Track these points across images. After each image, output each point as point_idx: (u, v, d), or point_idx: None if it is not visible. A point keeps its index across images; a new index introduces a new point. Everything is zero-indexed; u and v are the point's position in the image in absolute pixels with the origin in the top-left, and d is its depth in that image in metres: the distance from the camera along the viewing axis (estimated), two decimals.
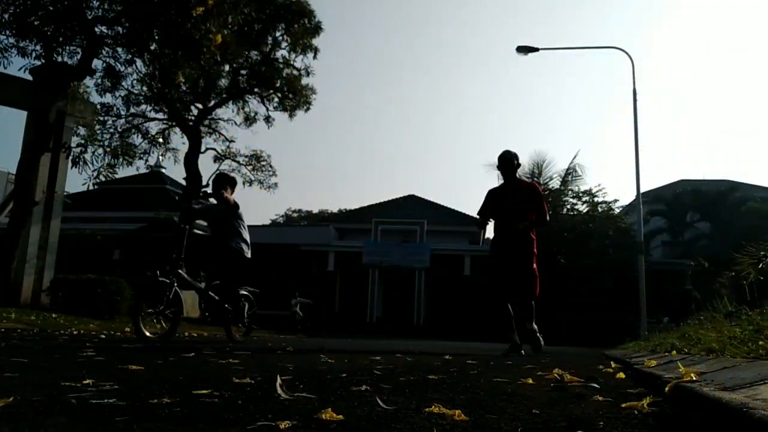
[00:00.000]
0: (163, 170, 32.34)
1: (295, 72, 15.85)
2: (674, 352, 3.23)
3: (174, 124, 15.63)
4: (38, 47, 10.52)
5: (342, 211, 46.09)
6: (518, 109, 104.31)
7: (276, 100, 16.08)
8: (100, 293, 10.79)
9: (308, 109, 16.19)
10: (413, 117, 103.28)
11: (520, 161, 5.79)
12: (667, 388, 1.38)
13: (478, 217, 5.83)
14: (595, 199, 25.35)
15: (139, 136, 15.07)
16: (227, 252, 5.72)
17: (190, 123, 15.40)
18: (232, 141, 16.67)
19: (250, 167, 16.71)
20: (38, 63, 10.67)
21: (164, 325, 5.33)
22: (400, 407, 1.33)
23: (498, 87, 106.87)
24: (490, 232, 6.11)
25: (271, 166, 16.91)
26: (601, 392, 1.77)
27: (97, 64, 11.79)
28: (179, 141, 33.61)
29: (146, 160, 15.42)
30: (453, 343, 11.64)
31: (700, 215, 31.05)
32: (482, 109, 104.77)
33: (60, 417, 1.05)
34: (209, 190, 6.06)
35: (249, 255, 5.90)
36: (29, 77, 10.90)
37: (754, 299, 3.91)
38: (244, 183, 16.81)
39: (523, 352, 5.42)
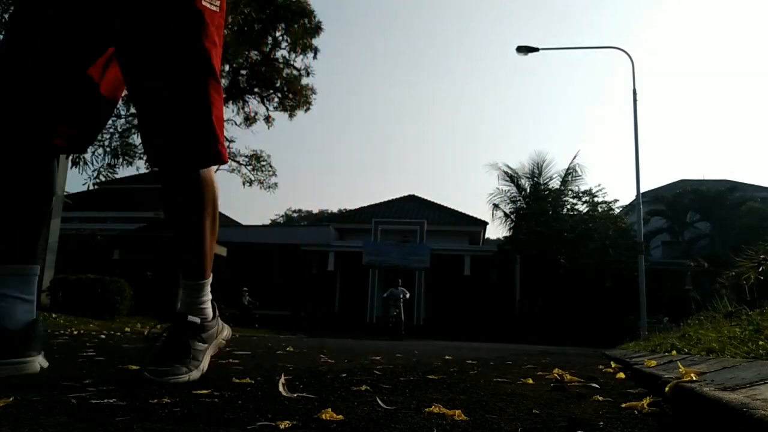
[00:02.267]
0: None
1: (295, 72, 15.88)
2: (674, 352, 3.23)
3: None
4: None
5: (342, 211, 46.11)
6: (518, 109, 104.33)
7: (276, 100, 16.11)
8: (100, 293, 10.80)
9: (308, 109, 16.22)
10: (413, 117, 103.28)
11: None
12: (667, 388, 1.38)
13: None
14: (595, 199, 25.38)
15: (139, 136, 15.06)
16: None
17: None
18: (231, 141, 16.69)
19: (250, 167, 16.73)
20: None
21: None
22: (400, 407, 1.33)
23: (498, 87, 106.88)
24: None
25: (271, 166, 16.97)
26: (601, 392, 1.77)
27: None
28: None
29: (146, 160, 15.41)
30: (453, 343, 11.64)
31: (700, 215, 31.02)
32: (482, 110, 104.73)
33: (60, 417, 1.05)
34: None
35: None
36: None
37: (754, 299, 3.92)
38: (244, 183, 16.84)
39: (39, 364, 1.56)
